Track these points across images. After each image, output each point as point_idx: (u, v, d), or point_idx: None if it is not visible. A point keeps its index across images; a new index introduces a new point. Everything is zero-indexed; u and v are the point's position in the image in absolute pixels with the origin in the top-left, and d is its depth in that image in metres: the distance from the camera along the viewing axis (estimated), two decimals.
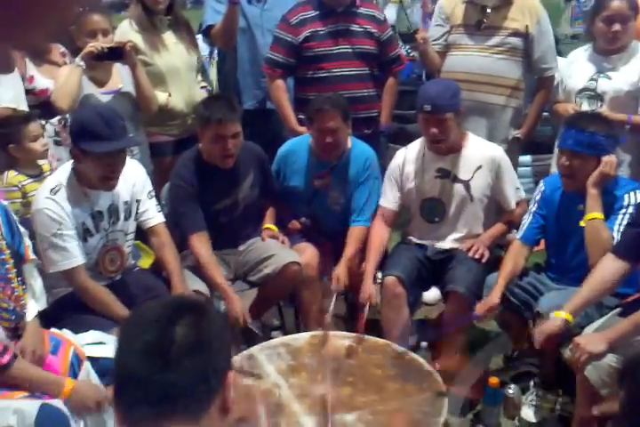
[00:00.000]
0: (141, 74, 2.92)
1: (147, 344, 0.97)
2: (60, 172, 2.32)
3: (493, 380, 2.39)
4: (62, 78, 2.81)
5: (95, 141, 2.14)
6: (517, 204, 2.75)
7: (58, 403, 1.79)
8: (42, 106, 2.95)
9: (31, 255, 2.08)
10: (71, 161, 2.33)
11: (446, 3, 3.17)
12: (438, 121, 2.55)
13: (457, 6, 3.12)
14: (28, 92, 3.01)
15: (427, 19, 5.55)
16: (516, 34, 3.02)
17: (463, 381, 2.33)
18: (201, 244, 2.62)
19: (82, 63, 2.77)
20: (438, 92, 2.58)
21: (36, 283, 2.11)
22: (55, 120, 2.97)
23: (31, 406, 1.73)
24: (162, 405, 0.96)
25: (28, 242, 2.10)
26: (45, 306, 2.12)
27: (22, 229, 2.10)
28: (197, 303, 1.09)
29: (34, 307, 2.07)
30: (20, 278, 1.99)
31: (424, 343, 2.44)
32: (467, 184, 2.68)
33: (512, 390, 2.44)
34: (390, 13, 4.26)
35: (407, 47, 4.27)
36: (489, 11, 3.03)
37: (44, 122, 2.94)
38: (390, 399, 2.09)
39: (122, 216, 2.41)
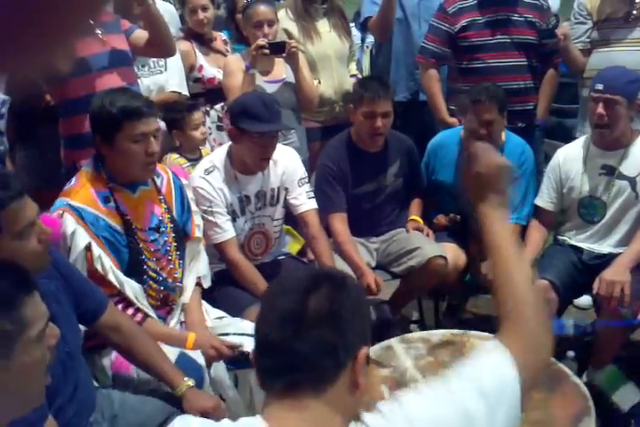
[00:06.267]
0: (303, 75, 2.90)
1: (282, 311, 0.99)
2: (216, 154, 2.45)
3: None
4: (237, 83, 2.79)
5: (254, 121, 2.26)
6: None
7: (194, 354, 1.92)
8: (208, 92, 3.11)
9: (197, 234, 2.19)
10: (227, 145, 2.44)
11: None
12: (607, 102, 2.39)
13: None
14: (196, 80, 3.19)
15: None
16: None
17: None
18: (340, 223, 2.66)
19: (256, 72, 2.85)
20: (615, 74, 2.48)
21: (201, 262, 2.21)
22: (219, 106, 3.11)
23: (171, 353, 1.87)
24: (289, 373, 0.98)
25: (197, 221, 2.20)
26: (210, 284, 2.24)
27: (194, 208, 2.22)
28: (338, 276, 1.07)
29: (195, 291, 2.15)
30: (179, 253, 2.09)
31: (571, 353, 2.32)
32: (633, 181, 2.49)
33: None
34: (554, 1, 4.02)
35: None
36: (639, 0, 2.77)
37: (208, 108, 3.09)
38: (533, 409, 2.01)
39: (268, 202, 2.48)
